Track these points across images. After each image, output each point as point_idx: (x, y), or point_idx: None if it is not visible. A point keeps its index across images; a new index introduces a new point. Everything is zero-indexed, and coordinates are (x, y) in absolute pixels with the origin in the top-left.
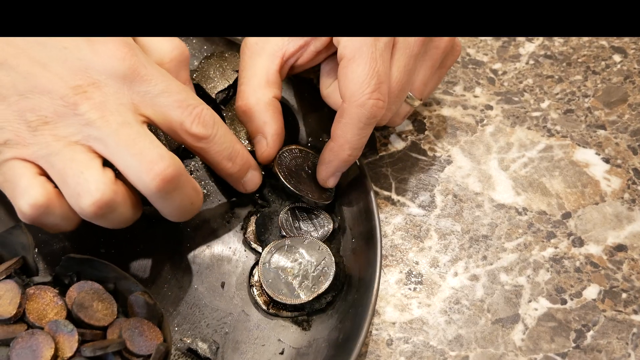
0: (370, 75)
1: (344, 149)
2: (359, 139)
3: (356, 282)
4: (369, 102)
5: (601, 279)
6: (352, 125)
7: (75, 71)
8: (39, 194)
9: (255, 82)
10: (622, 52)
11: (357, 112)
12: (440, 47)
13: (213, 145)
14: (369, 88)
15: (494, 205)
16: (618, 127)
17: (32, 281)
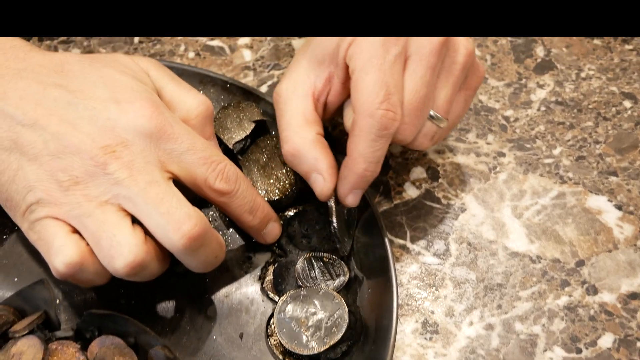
0: (379, 85)
1: (358, 163)
2: (372, 152)
3: (372, 333)
4: (377, 112)
5: (616, 327)
6: (363, 137)
7: (104, 131)
8: (74, 253)
9: (295, 124)
10: (633, 97)
11: (367, 123)
12: (458, 61)
13: (235, 200)
14: (377, 98)
15: (508, 253)
16: (630, 174)
17: (54, 336)
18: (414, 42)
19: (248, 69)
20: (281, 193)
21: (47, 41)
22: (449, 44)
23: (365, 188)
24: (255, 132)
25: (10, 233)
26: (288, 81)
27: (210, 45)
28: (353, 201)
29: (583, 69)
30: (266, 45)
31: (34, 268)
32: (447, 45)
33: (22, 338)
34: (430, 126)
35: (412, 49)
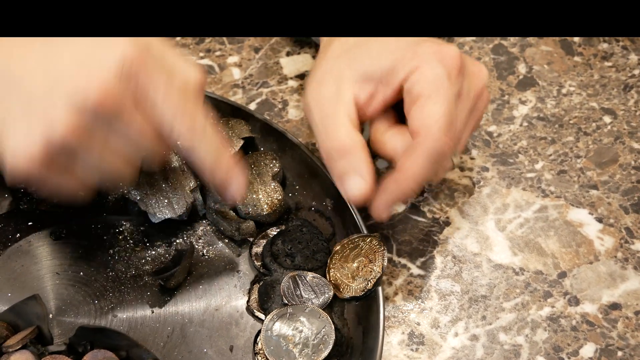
0: (447, 114)
1: (409, 181)
2: (426, 173)
3: (360, 345)
4: (443, 138)
5: (597, 337)
6: (424, 158)
7: None
8: None
9: (344, 123)
10: (612, 113)
11: (432, 146)
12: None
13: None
14: (445, 126)
15: (491, 265)
16: (610, 187)
17: (47, 350)
18: (467, 81)
19: (237, 87)
20: (270, 208)
21: None
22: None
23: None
24: (244, 148)
25: (3, 249)
26: (329, 86)
27: (200, 64)
28: (387, 215)
29: (564, 85)
30: (255, 64)
31: (27, 283)
32: (484, 90)
33: (15, 353)
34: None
35: (464, 89)
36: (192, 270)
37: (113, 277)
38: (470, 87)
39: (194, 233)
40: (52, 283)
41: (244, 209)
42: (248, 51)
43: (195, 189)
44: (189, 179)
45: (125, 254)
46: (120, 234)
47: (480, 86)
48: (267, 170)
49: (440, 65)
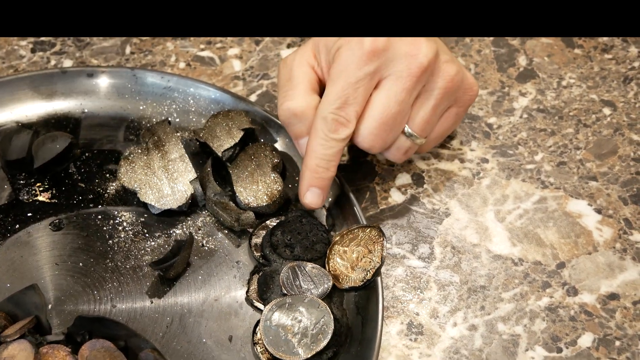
0: (338, 95)
1: (311, 158)
2: (323, 150)
3: (358, 335)
4: (329, 115)
5: (595, 327)
6: (315, 135)
7: None
8: None
9: (303, 88)
10: (612, 105)
11: (320, 124)
12: (439, 86)
13: None
14: (333, 105)
15: (491, 256)
16: (609, 179)
17: (45, 340)
18: (393, 64)
19: (237, 78)
20: (269, 199)
21: (39, 52)
22: (431, 69)
23: (324, 188)
24: (244, 140)
25: (2, 240)
26: (295, 55)
27: (201, 56)
28: (311, 200)
29: (564, 78)
30: (255, 56)
31: (26, 274)
32: (428, 71)
33: (14, 342)
34: (405, 141)
35: (390, 70)
36: (192, 261)
37: (112, 267)
38: (435, 85)
39: (193, 224)
40: (51, 273)
41: (244, 200)
42: (249, 43)
43: (195, 180)
44: (189, 170)
45: (125, 244)
46: (119, 224)
47: (445, 82)
48: (267, 161)
49: (356, 47)
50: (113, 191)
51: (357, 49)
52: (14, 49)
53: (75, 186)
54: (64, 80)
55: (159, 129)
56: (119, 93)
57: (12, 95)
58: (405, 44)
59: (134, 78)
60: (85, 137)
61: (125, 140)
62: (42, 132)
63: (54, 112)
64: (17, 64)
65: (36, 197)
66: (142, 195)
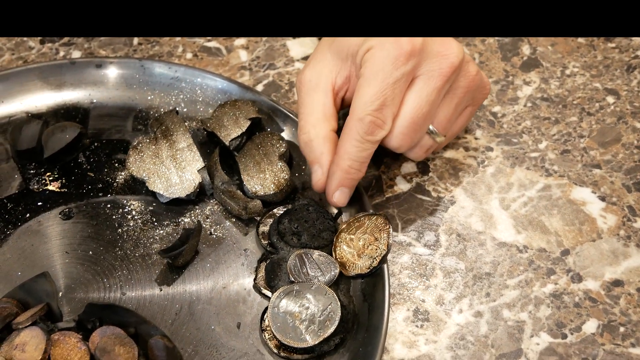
0: (377, 96)
1: (343, 160)
2: (357, 151)
3: (365, 322)
4: (367, 117)
5: (599, 313)
6: (350, 136)
7: None
8: None
9: (314, 118)
10: (615, 93)
11: (356, 125)
12: (463, 85)
13: None
14: (371, 106)
15: (496, 243)
16: (613, 166)
17: (56, 327)
18: (425, 64)
19: (244, 68)
20: (277, 187)
21: (48, 43)
22: (459, 69)
23: (352, 187)
24: (251, 129)
25: (13, 229)
26: (312, 71)
27: (207, 47)
28: (339, 199)
29: (568, 67)
30: (261, 46)
31: (37, 262)
32: (457, 70)
33: (25, 329)
34: (428, 139)
35: (422, 69)
36: (200, 249)
37: (122, 255)
38: (460, 84)
39: (201, 212)
40: (61, 262)
41: (251, 189)
42: None
43: (202, 169)
44: (196, 159)
45: (134, 233)
46: (128, 213)
47: (468, 82)
48: (274, 150)
49: (392, 47)
50: (122, 180)
51: (393, 49)
52: (23, 41)
53: (85, 175)
54: (73, 71)
55: (167, 118)
56: (127, 83)
57: (21, 86)
58: (437, 44)
59: (142, 68)
60: (94, 127)
61: (134, 130)
62: (52, 122)
63: (63, 102)
64: (27, 55)
65: (46, 186)
66: (150, 184)
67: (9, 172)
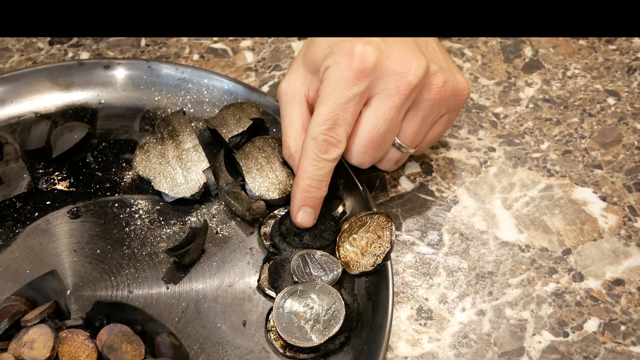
0: (329, 116)
1: (302, 178)
2: (314, 170)
3: (369, 320)
4: (319, 136)
5: (601, 312)
6: (306, 155)
7: None
8: None
9: (293, 131)
10: (616, 95)
11: (310, 144)
12: (428, 99)
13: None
14: (323, 126)
15: (498, 243)
16: (613, 167)
17: (64, 324)
18: (381, 83)
19: (250, 70)
20: (282, 193)
21: (57, 45)
22: (420, 86)
23: (316, 207)
24: (253, 130)
25: (22, 227)
26: (287, 84)
27: (214, 48)
28: (303, 219)
29: (569, 68)
30: (267, 48)
31: (46, 260)
32: (417, 88)
33: (34, 327)
34: (395, 153)
35: (378, 88)
36: (206, 247)
37: (129, 254)
38: (424, 98)
39: (208, 212)
40: (69, 260)
41: (255, 193)
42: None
43: (207, 169)
44: (201, 160)
45: (141, 232)
46: (136, 212)
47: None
48: (276, 154)
49: (345, 67)
50: (129, 180)
51: (345, 69)
52: (32, 42)
53: (93, 175)
54: (81, 72)
55: (174, 119)
56: (135, 84)
57: (30, 86)
58: (394, 62)
59: (149, 70)
60: (102, 127)
61: (141, 131)
62: (60, 123)
63: (72, 103)
64: (36, 56)
65: (55, 185)
66: (156, 183)
67: (18, 171)
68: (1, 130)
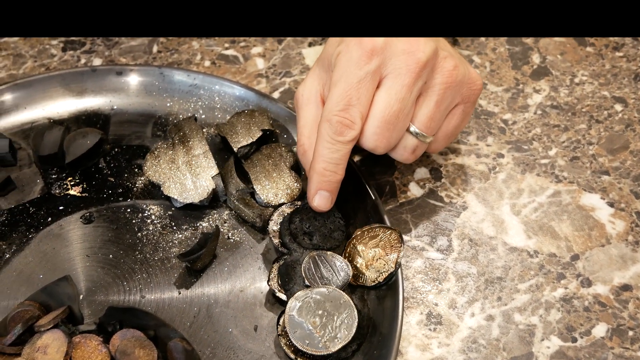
0: (342, 97)
1: (318, 162)
2: (330, 153)
3: (380, 325)
4: (334, 118)
5: (609, 317)
6: (322, 139)
7: None
8: None
9: (307, 130)
10: (623, 101)
11: (325, 127)
12: (439, 82)
13: None
14: (337, 107)
15: (507, 248)
16: (621, 173)
17: (77, 330)
18: (391, 63)
19: (261, 76)
20: (290, 197)
21: (70, 51)
22: (430, 66)
23: (332, 191)
24: (262, 140)
25: (35, 232)
26: (304, 87)
27: (225, 54)
28: (319, 203)
29: (577, 75)
30: (278, 54)
31: (59, 265)
32: (427, 67)
33: (47, 332)
34: (412, 140)
35: (389, 68)
36: (218, 253)
37: (141, 259)
38: (436, 81)
39: (219, 217)
40: (82, 265)
41: (264, 199)
42: (271, 42)
43: (216, 175)
44: (211, 166)
45: (153, 237)
46: (148, 217)
47: (445, 78)
48: (284, 161)
49: (355, 49)
50: (141, 185)
51: (355, 50)
52: (45, 48)
53: (105, 180)
54: (94, 78)
55: (185, 125)
56: (147, 90)
57: (44, 92)
58: (403, 42)
59: (162, 76)
60: (115, 133)
61: (153, 136)
62: (73, 128)
63: (85, 109)
64: (49, 62)
65: (68, 191)
66: (165, 188)
67: (32, 176)
68: (15, 136)
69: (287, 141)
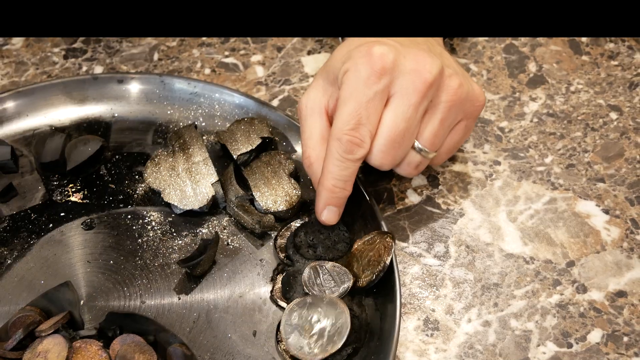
0: (352, 115)
1: (327, 179)
2: (339, 170)
3: (377, 330)
4: (344, 137)
5: (604, 323)
6: (331, 156)
7: None
8: None
9: (312, 142)
10: (618, 109)
11: (334, 145)
12: (444, 100)
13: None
14: (347, 125)
15: (503, 255)
16: (616, 180)
17: (78, 335)
18: (398, 82)
19: (260, 84)
20: (289, 204)
21: (72, 59)
22: (436, 85)
23: (340, 206)
24: (261, 147)
25: (37, 238)
26: (307, 98)
27: (225, 62)
28: (327, 217)
29: (572, 83)
30: (277, 62)
31: (60, 271)
32: (433, 86)
33: (48, 337)
34: (415, 156)
35: (396, 87)
36: (217, 259)
37: (142, 265)
38: (440, 99)
39: (219, 223)
40: (83, 271)
41: (263, 206)
42: (271, 50)
43: (216, 182)
44: (211, 173)
45: (154, 243)
46: (148, 224)
47: (450, 96)
48: (283, 168)
49: (364, 67)
50: (142, 192)
51: (364, 69)
52: (47, 56)
53: (106, 187)
54: (95, 86)
55: (186, 132)
56: (148, 98)
57: (46, 100)
58: (410, 61)
59: (162, 84)
60: (116, 140)
61: (154, 144)
62: (75, 136)
63: (86, 116)
64: (50, 70)
65: (69, 197)
66: (166, 195)
67: (33, 183)
68: (17, 143)
69: (286, 149)
